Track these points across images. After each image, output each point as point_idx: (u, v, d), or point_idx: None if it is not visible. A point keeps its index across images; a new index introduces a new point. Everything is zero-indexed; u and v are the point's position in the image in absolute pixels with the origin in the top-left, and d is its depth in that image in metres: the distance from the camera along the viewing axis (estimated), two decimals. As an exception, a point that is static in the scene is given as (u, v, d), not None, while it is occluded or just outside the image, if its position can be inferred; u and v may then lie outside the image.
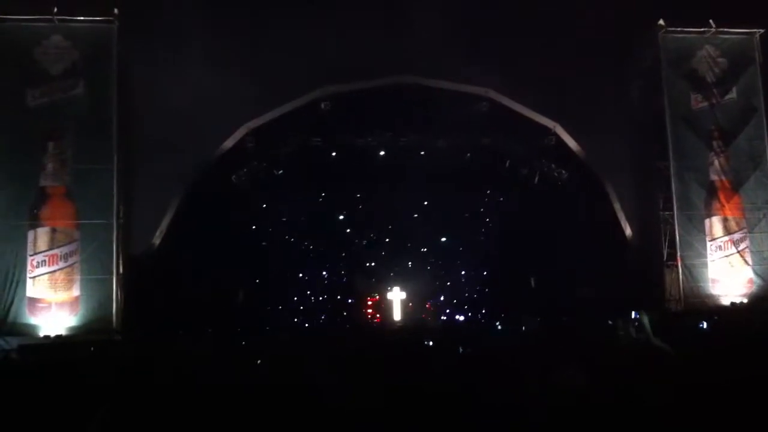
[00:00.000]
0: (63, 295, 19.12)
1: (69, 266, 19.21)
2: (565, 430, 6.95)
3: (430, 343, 15.85)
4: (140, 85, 20.71)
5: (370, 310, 24.71)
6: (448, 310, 25.49)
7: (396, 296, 24.46)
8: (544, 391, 8.35)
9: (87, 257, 19.29)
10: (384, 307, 24.26)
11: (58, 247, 19.25)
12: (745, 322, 19.13)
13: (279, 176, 23.55)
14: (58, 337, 18.62)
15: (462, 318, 25.15)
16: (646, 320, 18.57)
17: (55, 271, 19.15)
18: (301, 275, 25.14)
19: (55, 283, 19.12)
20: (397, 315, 24.18)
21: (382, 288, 24.64)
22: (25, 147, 19.69)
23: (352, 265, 25.13)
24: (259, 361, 12.59)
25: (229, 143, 22.67)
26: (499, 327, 23.51)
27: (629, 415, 7.10)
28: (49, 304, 19.04)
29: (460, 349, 15.70)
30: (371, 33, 21.61)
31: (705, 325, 19.20)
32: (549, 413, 7.30)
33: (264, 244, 24.30)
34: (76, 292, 19.18)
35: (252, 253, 23.48)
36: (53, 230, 19.35)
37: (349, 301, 24.89)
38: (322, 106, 22.80)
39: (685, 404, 7.29)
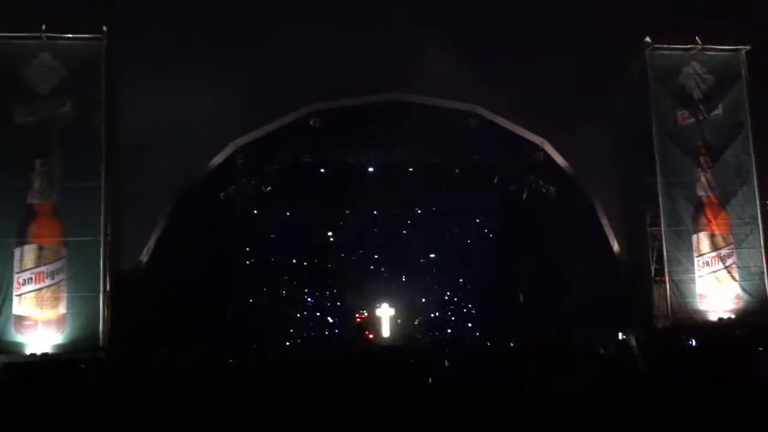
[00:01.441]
0: (49, 313, 19.07)
1: (56, 284, 19.19)
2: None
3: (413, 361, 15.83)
4: (129, 103, 20.73)
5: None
6: (437, 326, 25.48)
7: (385, 312, 24.45)
8: (528, 406, 8.38)
9: (74, 275, 19.27)
10: (373, 323, 24.22)
11: (45, 264, 19.23)
12: (732, 337, 19.20)
13: (268, 193, 23.56)
14: (45, 355, 18.55)
15: (451, 333, 25.12)
16: (633, 340, 18.67)
17: (41, 288, 19.13)
18: (289, 291, 25.10)
19: (42, 301, 19.08)
20: (386, 332, 24.16)
21: (371, 304, 24.62)
22: (13, 165, 19.71)
23: (341, 281, 25.09)
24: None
25: (218, 160, 22.67)
26: (488, 343, 23.52)
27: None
28: (36, 322, 19.00)
29: (446, 363, 15.78)
30: (361, 50, 21.78)
31: (694, 342, 19.29)
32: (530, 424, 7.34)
33: (252, 260, 24.25)
34: (62, 309, 19.13)
35: (240, 270, 23.43)
36: (40, 248, 19.33)
37: (331, 320, 24.83)
38: (312, 122, 22.83)
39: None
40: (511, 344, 21.76)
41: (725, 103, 22.67)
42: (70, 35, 20.28)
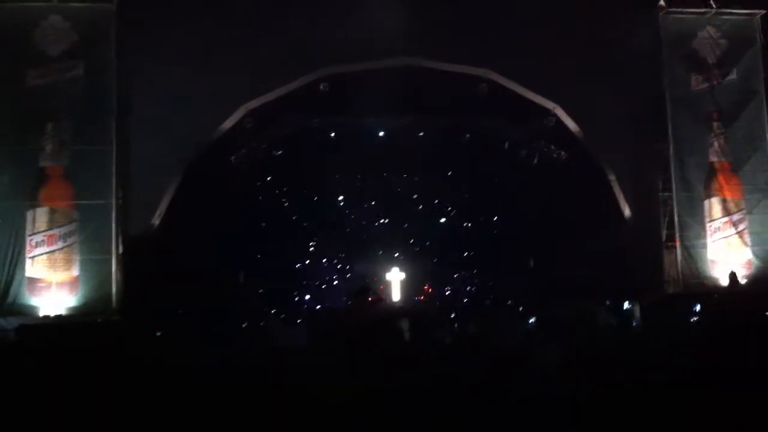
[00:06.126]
0: (62, 275, 19.12)
1: (68, 246, 19.22)
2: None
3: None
4: (139, 66, 20.63)
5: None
6: (446, 291, 25.61)
7: (395, 277, 24.56)
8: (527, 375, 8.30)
9: (86, 237, 19.32)
10: (378, 287, 24.33)
11: (57, 227, 19.25)
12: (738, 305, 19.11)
13: (278, 157, 23.57)
14: (58, 317, 18.72)
15: (462, 299, 25.25)
16: (637, 311, 18.54)
17: (54, 251, 19.15)
18: (300, 256, 25.22)
19: (55, 263, 19.12)
20: (396, 296, 24.32)
21: (382, 268, 24.73)
22: (24, 128, 19.63)
23: (351, 245, 25.18)
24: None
25: (227, 124, 22.64)
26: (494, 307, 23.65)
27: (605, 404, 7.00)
28: (49, 284, 19.05)
29: (456, 325, 15.79)
30: (371, 14, 21.52)
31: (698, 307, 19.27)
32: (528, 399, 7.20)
33: (263, 224, 24.30)
34: (75, 272, 19.20)
35: (251, 234, 23.49)
36: (52, 210, 19.35)
37: (342, 284, 24.86)
38: (321, 87, 22.75)
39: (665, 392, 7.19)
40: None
41: (739, 69, 22.46)
42: (81, -2, 20.19)
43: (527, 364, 8.81)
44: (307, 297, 24.91)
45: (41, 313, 18.84)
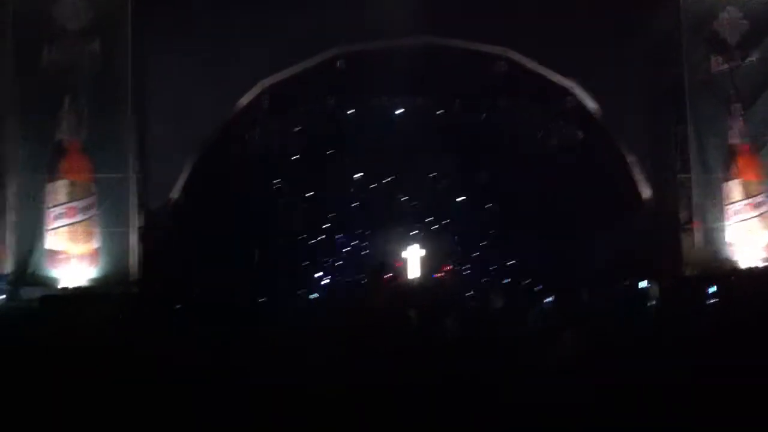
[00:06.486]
0: (82, 248, 19.35)
1: (87, 219, 19.45)
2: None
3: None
4: (156, 42, 20.66)
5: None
6: (464, 271, 25.62)
7: (414, 254, 24.60)
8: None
9: (105, 210, 19.56)
10: (401, 264, 24.38)
11: (77, 200, 19.47)
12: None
13: (295, 133, 23.54)
14: (77, 288, 18.91)
15: (479, 278, 25.23)
16: (656, 290, 18.44)
17: (74, 223, 19.38)
18: (317, 232, 25.26)
19: (75, 236, 19.35)
20: (415, 273, 24.37)
21: (400, 246, 24.77)
22: (43, 102, 19.83)
23: (369, 222, 25.19)
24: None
25: (245, 100, 22.56)
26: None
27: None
28: (69, 256, 19.29)
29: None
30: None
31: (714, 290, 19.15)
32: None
33: (281, 200, 24.33)
34: (95, 244, 19.45)
35: (268, 210, 23.53)
36: (71, 183, 19.56)
37: (359, 262, 24.84)
38: (338, 64, 22.64)
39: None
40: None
41: (760, 50, 22.28)
42: (97, -27, 20.17)
43: (540, 357, 8.71)
44: (321, 273, 24.96)
45: (61, 285, 19.03)
